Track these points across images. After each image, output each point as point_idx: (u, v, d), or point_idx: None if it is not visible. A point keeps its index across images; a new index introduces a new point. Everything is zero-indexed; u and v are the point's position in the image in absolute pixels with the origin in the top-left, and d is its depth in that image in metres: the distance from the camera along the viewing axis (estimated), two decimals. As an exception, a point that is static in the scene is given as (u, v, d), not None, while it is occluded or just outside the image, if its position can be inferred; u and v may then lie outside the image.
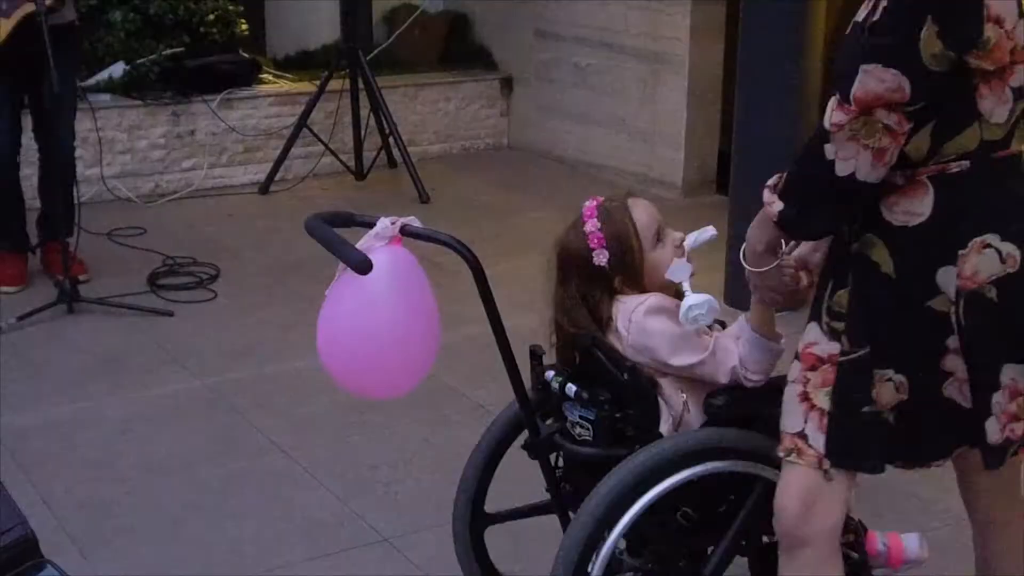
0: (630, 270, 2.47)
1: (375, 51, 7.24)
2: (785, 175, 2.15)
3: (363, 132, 6.71)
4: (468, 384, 4.15)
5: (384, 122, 6.62)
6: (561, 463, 2.59)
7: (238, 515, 3.40)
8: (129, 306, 4.85)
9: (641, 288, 2.48)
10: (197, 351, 4.51)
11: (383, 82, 6.70)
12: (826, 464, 2.17)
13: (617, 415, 2.42)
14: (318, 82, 6.67)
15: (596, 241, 2.47)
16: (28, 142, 5.10)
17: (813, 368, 2.18)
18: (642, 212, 2.50)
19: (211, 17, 6.75)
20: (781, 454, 2.22)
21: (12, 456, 3.67)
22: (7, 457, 3.66)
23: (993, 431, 2.12)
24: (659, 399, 2.43)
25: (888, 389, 2.13)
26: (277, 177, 6.65)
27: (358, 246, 2.37)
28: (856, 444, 2.17)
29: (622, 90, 6.71)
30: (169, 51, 6.53)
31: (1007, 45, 2.01)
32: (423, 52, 7.60)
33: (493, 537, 2.78)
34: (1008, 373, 2.10)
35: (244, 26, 6.99)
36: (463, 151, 7.43)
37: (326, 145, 6.70)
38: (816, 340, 2.19)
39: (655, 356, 2.42)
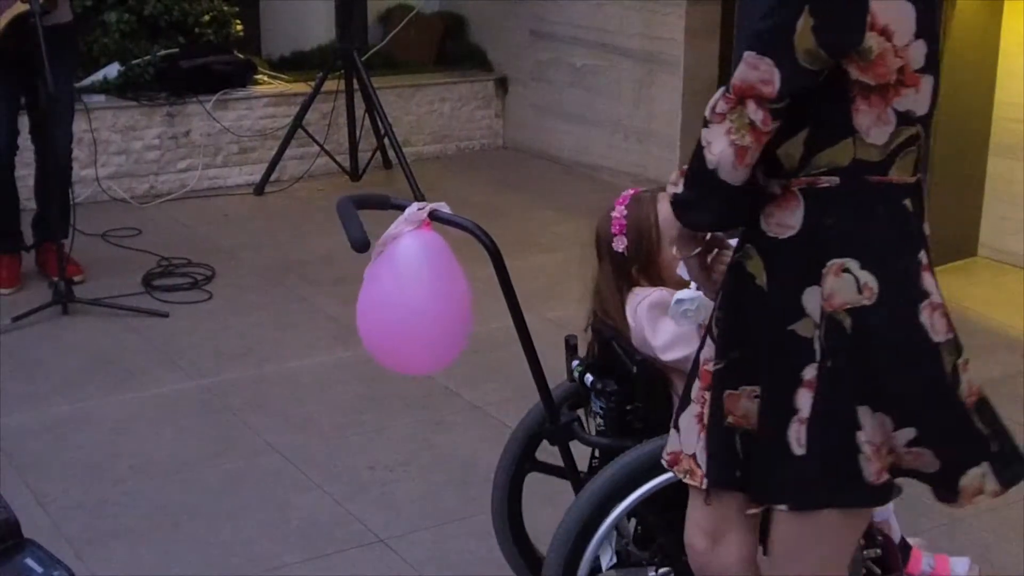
0: (646, 261, 2.49)
1: (370, 52, 7.24)
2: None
3: (358, 133, 6.71)
4: (464, 385, 4.15)
5: (379, 123, 6.62)
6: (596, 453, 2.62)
7: (234, 516, 3.40)
8: (124, 307, 4.84)
9: (656, 281, 2.50)
10: (192, 352, 4.50)
11: (378, 83, 6.70)
12: (705, 484, 2.08)
13: (628, 407, 2.45)
14: (313, 83, 6.67)
15: (618, 227, 2.50)
16: (25, 143, 5.10)
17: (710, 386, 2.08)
18: (667, 206, 2.50)
19: (206, 18, 6.76)
20: (680, 475, 2.13)
21: (8, 457, 3.67)
22: (3, 458, 3.66)
23: (868, 472, 1.94)
24: (672, 395, 2.44)
25: (755, 407, 2.02)
26: (272, 178, 6.65)
27: (390, 230, 2.42)
28: (728, 463, 2.05)
29: (617, 91, 6.72)
30: (164, 52, 6.53)
31: (894, 62, 1.86)
32: (418, 52, 7.60)
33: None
34: (865, 417, 1.93)
35: (239, 27, 6.99)
36: (458, 151, 7.43)
37: (321, 146, 6.70)
38: (711, 356, 2.08)
39: (652, 350, 2.42)
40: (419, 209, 2.41)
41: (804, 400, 1.95)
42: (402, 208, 2.44)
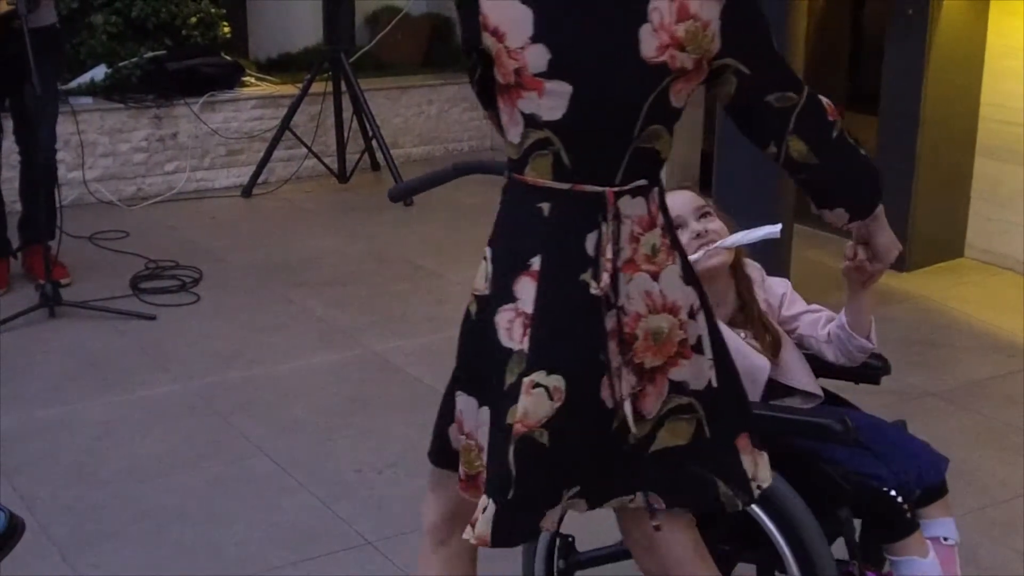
0: None
1: (358, 54, 7.24)
2: None
3: (346, 135, 6.71)
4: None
5: (367, 125, 6.62)
6: None
7: (222, 519, 3.39)
8: (111, 310, 4.83)
9: None
10: (180, 355, 4.49)
11: (366, 84, 6.70)
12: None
13: None
14: (301, 85, 6.67)
15: None
16: (9, 145, 5.08)
17: None
18: (669, 200, 2.52)
19: (193, 20, 6.75)
20: None
21: (-6, 461, 3.66)
22: (-11, 462, 3.65)
23: (454, 439, 2.08)
24: None
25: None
26: (260, 180, 6.64)
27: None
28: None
29: (605, 92, 6.71)
30: (151, 54, 6.52)
31: (509, 63, 1.87)
32: (406, 54, 7.60)
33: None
34: (461, 398, 2.04)
35: (226, 29, 6.98)
36: (446, 153, 7.43)
37: (309, 148, 6.70)
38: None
39: None
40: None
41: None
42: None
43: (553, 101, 1.88)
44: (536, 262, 1.92)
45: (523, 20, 1.85)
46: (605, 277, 1.90)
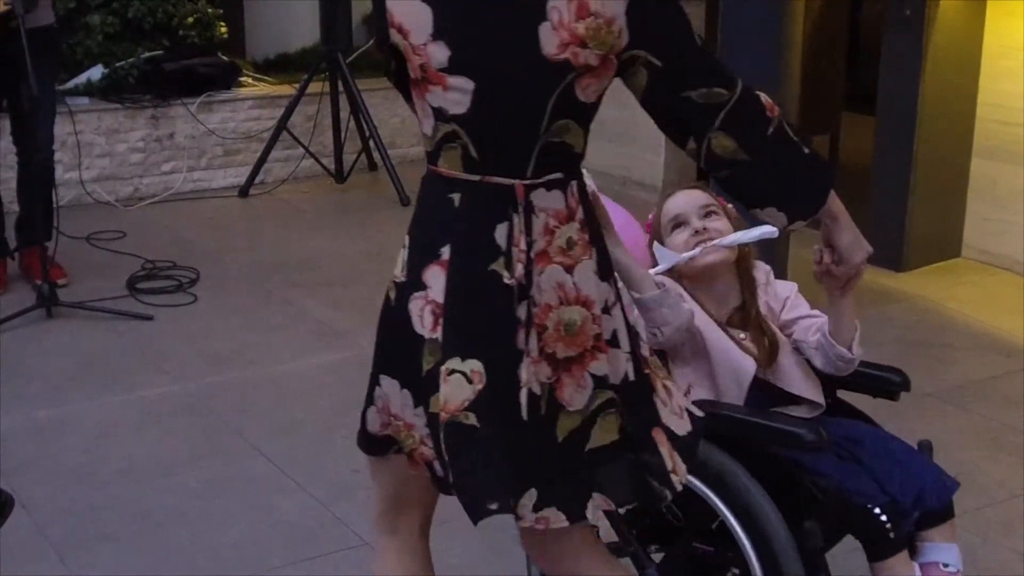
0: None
1: (355, 54, 7.22)
2: None
3: (343, 135, 6.71)
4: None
5: (364, 125, 6.61)
6: None
7: (219, 520, 3.39)
8: (109, 310, 4.83)
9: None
10: (177, 355, 4.49)
11: (363, 85, 6.69)
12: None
13: None
14: (298, 85, 6.67)
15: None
16: (6, 145, 5.08)
17: None
18: (672, 199, 2.55)
19: (190, 20, 6.75)
20: None
21: (-9, 462, 3.66)
22: (-14, 463, 3.65)
23: (371, 423, 2.15)
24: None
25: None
26: (257, 180, 6.64)
27: None
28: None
29: (602, 92, 6.71)
30: (148, 54, 6.52)
31: (415, 59, 1.91)
32: (403, 55, 7.59)
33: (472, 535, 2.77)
34: (385, 380, 2.09)
35: (223, 29, 6.98)
36: (443, 154, 7.41)
37: (306, 148, 6.69)
38: None
39: None
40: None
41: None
42: None
43: (457, 96, 1.91)
44: (446, 252, 1.96)
45: (423, 17, 1.89)
46: (519, 268, 1.92)
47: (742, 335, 2.46)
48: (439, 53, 1.89)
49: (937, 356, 4.52)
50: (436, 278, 1.96)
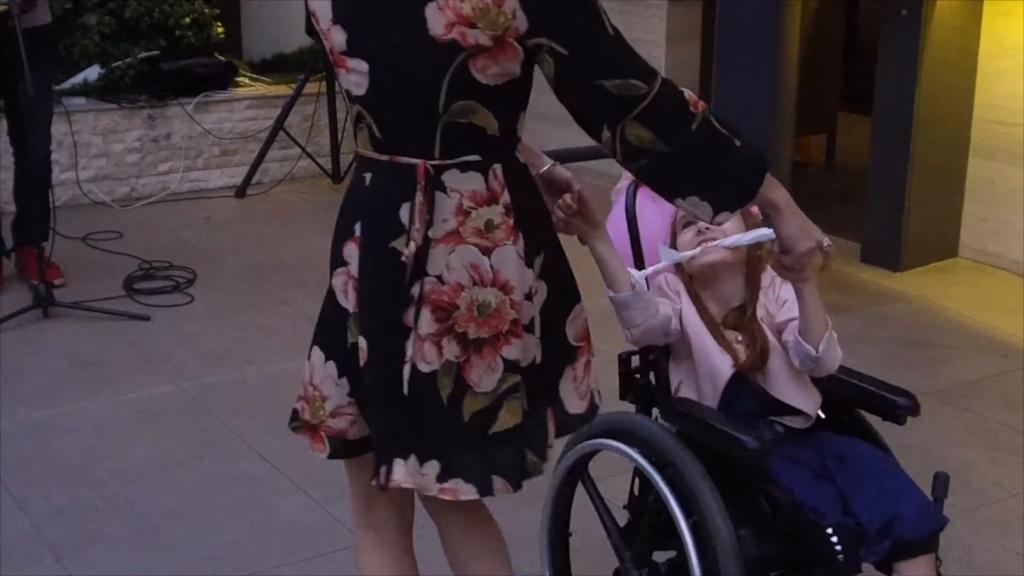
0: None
1: (352, 54, 7.22)
2: None
3: (340, 135, 6.70)
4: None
5: (361, 125, 6.61)
6: None
7: (216, 520, 3.39)
8: (105, 310, 4.82)
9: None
10: (174, 355, 4.49)
11: (360, 85, 6.68)
12: None
13: (637, 376, 2.56)
14: (295, 85, 6.67)
15: None
16: (3, 146, 5.07)
17: None
18: None
19: (187, 20, 6.75)
20: None
21: (-12, 462, 3.66)
22: (-17, 463, 3.65)
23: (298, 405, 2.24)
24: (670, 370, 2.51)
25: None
26: (254, 180, 6.63)
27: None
28: None
29: (599, 92, 6.71)
30: (144, 54, 6.51)
31: (326, 44, 2.02)
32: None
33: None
34: (315, 354, 2.19)
35: (220, 29, 6.98)
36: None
37: (303, 148, 6.69)
38: None
39: None
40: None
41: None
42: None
43: (356, 78, 1.99)
44: (358, 229, 2.03)
45: (325, 5, 1.99)
46: (411, 245, 1.96)
47: (740, 337, 2.44)
48: (338, 37, 1.98)
49: (934, 356, 4.52)
50: (352, 254, 2.05)
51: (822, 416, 2.49)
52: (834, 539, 2.23)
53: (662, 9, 6.31)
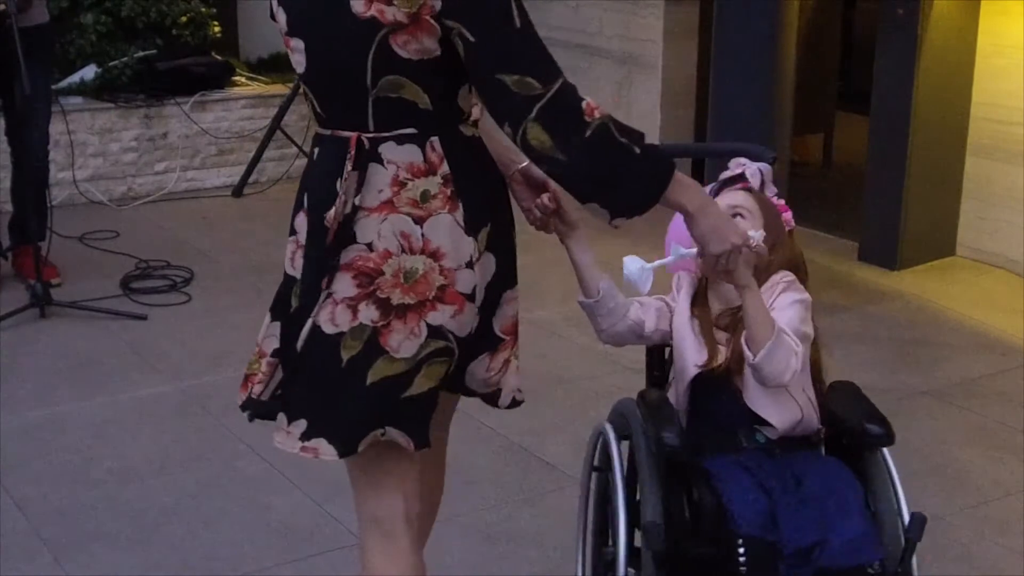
0: None
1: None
2: None
3: (337, 134, 6.70)
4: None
5: (358, 124, 6.61)
6: None
7: (214, 519, 3.39)
8: (102, 310, 4.82)
9: None
10: (171, 355, 4.48)
11: (357, 84, 6.68)
12: None
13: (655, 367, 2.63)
14: (291, 84, 6.66)
15: None
16: (0, 145, 5.07)
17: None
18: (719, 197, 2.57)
19: (183, 19, 6.74)
20: None
21: (-15, 461, 3.65)
22: (-20, 462, 3.64)
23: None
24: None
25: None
26: (251, 180, 6.63)
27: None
28: None
29: (596, 92, 6.71)
30: (141, 54, 6.50)
31: (278, 27, 2.11)
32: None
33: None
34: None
35: (217, 28, 6.97)
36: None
37: (300, 147, 6.69)
38: None
39: None
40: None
41: None
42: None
43: (298, 57, 2.09)
44: (305, 200, 2.13)
45: None
46: (332, 212, 2.03)
47: (728, 338, 2.41)
48: (282, 18, 2.09)
49: (932, 354, 4.52)
50: (302, 224, 2.13)
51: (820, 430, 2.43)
52: (741, 550, 2.19)
53: (659, 8, 6.31)
